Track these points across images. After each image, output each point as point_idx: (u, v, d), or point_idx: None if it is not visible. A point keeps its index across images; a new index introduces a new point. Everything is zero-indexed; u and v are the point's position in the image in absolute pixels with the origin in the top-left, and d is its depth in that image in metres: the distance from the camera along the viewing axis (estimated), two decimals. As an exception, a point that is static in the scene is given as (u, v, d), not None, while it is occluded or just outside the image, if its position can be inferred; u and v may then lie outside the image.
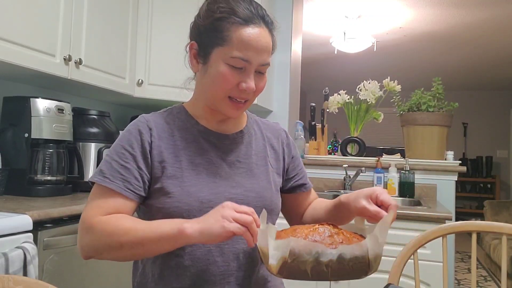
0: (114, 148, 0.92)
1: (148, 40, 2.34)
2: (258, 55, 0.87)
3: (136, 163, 0.89)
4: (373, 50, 4.55)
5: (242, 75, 0.88)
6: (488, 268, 4.45)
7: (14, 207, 1.40)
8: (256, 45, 0.86)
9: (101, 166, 0.90)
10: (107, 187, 0.87)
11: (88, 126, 2.03)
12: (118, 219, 0.84)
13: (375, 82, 2.85)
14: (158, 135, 0.92)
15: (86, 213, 0.87)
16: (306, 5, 3.74)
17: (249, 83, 0.88)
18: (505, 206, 4.75)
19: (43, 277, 1.35)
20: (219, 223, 0.73)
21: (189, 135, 0.95)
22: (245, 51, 0.86)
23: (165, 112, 0.98)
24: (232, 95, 0.89)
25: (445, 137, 2.64)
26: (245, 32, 0.86)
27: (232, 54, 0.86)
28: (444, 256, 1.23)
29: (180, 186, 0.89)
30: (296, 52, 3.05)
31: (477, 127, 7.25)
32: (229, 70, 0.87)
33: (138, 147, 0.90)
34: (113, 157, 0.90)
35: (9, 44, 1.58)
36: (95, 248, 0.84)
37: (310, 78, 6.52)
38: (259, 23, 0.88)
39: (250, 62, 0.87)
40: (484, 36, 4.55)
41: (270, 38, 0.90)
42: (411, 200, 2.43)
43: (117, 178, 0.87)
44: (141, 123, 0.93)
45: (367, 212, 0.88)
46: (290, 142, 1.10)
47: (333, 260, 0.72)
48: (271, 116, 2.82)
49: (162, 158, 0.91)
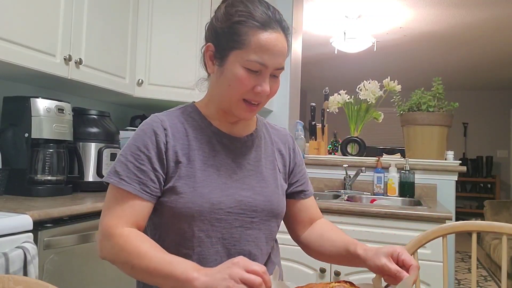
0: (129, 148, 0.91)
1: (148, 40, 2.34)
2: (275, 59, 0.88)
3: (152, 164, 0.89)
4: (373, 50, 4.55)
5: (258, 79, 0.89)
6: (488, 268, 4.45)
7: (14, 207, 1.40)
8: (273, 49, 0.88)
9: (116, 166, 0.90)
10: (123, 189, 0.88)
11: (88, 126, 2.03)
12: (138, 240, 0.84)
13: (375, 82, 2.85)
14: (173, 135, 0.92)
15: (108, 221, 0.87)
16: (306, 5, 3.74)
17: (264, 87, 0.89)
18: (505, 206, 4.75)
19: (43, 277, 1.35)
20: (225, 282, 0.70)
21: (203, 136, 0.95)
22: (262, 55, 0.87)
23: (178, 111, 0.98)
24: (247, 97, 0.90)
25: (445, 137, 2.64)
26: (262, 37, 0.87)
27: (249, 58, 0.87)
28: (444, 256, 1.23)
29: (193, 186, 0.89)
30: (296, 52, 3.05)
31: (477, 127, 7.25)
32: (246, 73, 0.88)
33: (153, 148, 0.90)
34: (128, 158, 0.90)
35: (9, 44, 1.58)
36: (112, 258, 0.86)
37: (310, 78, 6.52)
38: (276, 27, 0.89)
39: (267, 66, 0.88)
40: (484, 36, 4.55)
41: (286, 42, 0.91)
42: (411, 200, 2.44)
43: (134, 181, 0.88)
44: (155, 123, 0.93)
45: (388, 271, 0.83)
46: (296, 148, 1.11)
47: None
48: (271, 116, 2.82)
49: (177, 158, 0.91)
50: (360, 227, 2.00)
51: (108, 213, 0.89)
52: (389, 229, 1.96)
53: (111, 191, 0.90)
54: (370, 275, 0.87)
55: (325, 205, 2.05)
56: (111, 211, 0.88)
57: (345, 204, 2.07)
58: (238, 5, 0.90)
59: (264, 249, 0.98)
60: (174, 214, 0.89)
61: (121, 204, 0.88)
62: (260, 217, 0.95)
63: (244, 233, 0.93)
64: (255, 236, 0.94)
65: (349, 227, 2.01)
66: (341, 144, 2.87)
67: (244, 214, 0.92)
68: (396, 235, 1.95)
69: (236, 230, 0.92)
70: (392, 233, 1.96)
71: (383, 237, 1.96)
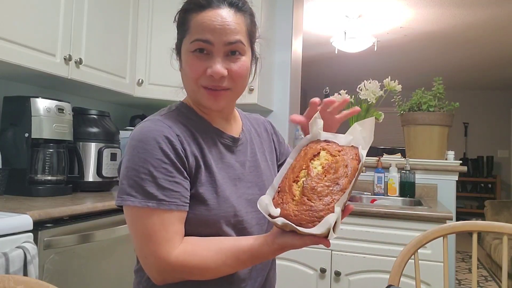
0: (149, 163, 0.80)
1: (149, 40, 2.34)
2: (218, 34, 0.83)
3: (181, 174, 0.83)
4: (373, 49, 4.54)
5: (208, 61, 0.84)
6: (489, 268, 4.45)
7: (14, 207, 1.40)
8: (213, 24, 0.83)
9: (144, 186, 0.79)
10: (165, 209, 0.79)
11: (88, 126, 2.03)
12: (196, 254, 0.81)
13: (375, 81, 2.84)
14: (186, 140, 0.86)
15: (157, 250, 0.78)
16: (307, 5, 3.74)
17: (214, 67, 0.83)
18: (506, 206, 4.75)
19: (43, 277, 1.35)
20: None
21: (208, 138, 0.91)
22: (202, 32, 0.83)
23: (174, 113, 0.90)
24: (203, 84, 0.85)
25: (445, 137, 2.64)
26: (200, 16, 0.84)
27: (193, 39, 0.84)
28: (445, 256, 1.23)
29: (216, 192, 0.86)
30: (296, 52, 3.05)
31: (478, 126, 7.25)
32: (194, 57, 0.85)
33: (174, 156, 0.82)
34: (154, 174, 0.80)
35: (9, 44, 1.58)
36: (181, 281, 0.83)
37: (311, 78, 6.52)
38: (218, 5, 0.85)
39: (210, 42, 0.83)
40: (484, 36, 4.55)
41: (234, 17, 0.86)
42: (412, 200, 2.43)
43: (173, 197, 0.80)
44: (163, 128, 0.83)
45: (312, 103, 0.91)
46: (275, 130, 1.13)
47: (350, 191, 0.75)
48: (272, 116, 2.82)
49: (197, 164, 0.86)
50: (360, 227, 2.00)
51: (151, 241, 0.79)
52: (390, 229, 1.96)
53: (145, 215, 0.79)
54: (370, 275, 0.87)
55: (325, 205, 2.04)
56: (156, 237, 0.78)
57: (345, 204, 2.07)
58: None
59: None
60: (200, 222, 0.84)
61: (165, 226, 0.79)
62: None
63: (261, 230, 0.94)
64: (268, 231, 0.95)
65: (349, 227, 2.01)
66: (342, 144, 2.86)
67: (256, 211, 0.91)
68: (396, 235, 1.95)
69: (255, 229, 0.92)
70: (393, 233, 1.96)
71: (383, 237, 1.96)
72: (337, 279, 1.99)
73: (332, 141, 0.82)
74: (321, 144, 0.81)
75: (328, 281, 2.01)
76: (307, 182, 0.74)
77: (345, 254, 2.00)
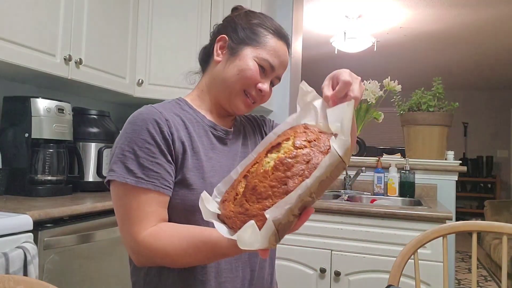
0: (133, 142, 0.84)
1: (148, 40, 2.35)
2: (280, 66, 0.97)
3: (165, 156, 0.85)
4: (373, 50, 4.55)
5: (262, 77, 0.96)
6: (488, 268, 4.45)
7: (14, 207, 1.40)
8: (282, 58, 0.97)
9: (125, 163, 0.83)
10: (143, 188, 0.82)
11: (88, 126, 2.03)
12: (162, 241, 0.80)
13: (375, 81, 2.85)
14: (175, 126, 0.89)
15: (129, 229, 0.81)
16: (307, 5, 3.74)
17: (266, 86, 0.96)
18: (505, 206, 4.75)
19: (43, 277, 1.35)
20: None
21: (199, 128, 0.95)
22: (273, 57, 0.95)
23: (169, 104, 0.96)
24: (249, 90, 0.95)
25: (445, 137, 2.64)
26: (276, 42, 0.97)
27: (264, 56, 0.94)
28: (445, 256, 1.23)
29: (202, 177, 0.88)
30: (296, 52, 3.05)
31: (477, 126, 7.25)
32: (257, 67, 0.94)
33: (160, 139, 0.85)
34: (138, 153, 0.83)
35: (9, 44, 1.58)
36: (149, 265, 0.87)
37: (311, 78, 6.50)
38: (285, 41, 0.99)
39: (274, 69, 0.96)
40: (484, 36, 4.55)
41: (288, 57, 1.01)
42: (412, 200, 2.44)
43: (152, 177, 0.83)
44: (154, 113, 0.87)
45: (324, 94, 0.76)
46: (265, 119, 1.16)
47: (313, 184, 0.58)
48: (272, 115, 2.82)
49: (183, 149, 0.89)
50: (360, 227, 2.00)
51: (127, 219, 0.82)
52: (389, 229, 1.96)
53: (123, 193, 0.83)
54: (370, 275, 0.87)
55: (325, 205, 2.05)
56: (130, 214, 0.82)
57: (345, 204, 2.07)
58: (257, 13, 1.02)
59: None
60: (186, 207, 0.86)
61: (141, 205, 0.82)
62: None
63: None
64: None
65: (349, 227, 2.01)
66: (341, 144, 2.86)
67: None
68: (396, 235, 1.95)
69: None
70: (392, 233, 1.96)
71: (383, 237, 1.96)
72: (337, 279, 1.99)
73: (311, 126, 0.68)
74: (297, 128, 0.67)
75: (328, 281, 2.01)
76: (249, 179, 0.63)
77: (345, 254, 2.00)
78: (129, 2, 2.24)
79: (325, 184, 0.60)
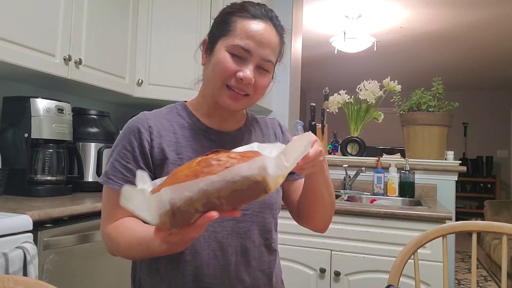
0: (115, 147, 0.94)
1: (148, 40, 2.34)
2: (259, 47, 0.88)
3: (137, 162, 0.91)
4: (373, 50, 4.54)
5: (241, 65, 0.89)
6: (488, 268, 4.45)
7: (14, 207, 1.40)
8: (259, 37, 0.88)
9: (107, 166, 0.93)
10: (111, 188, 0.90)
11: (88, 126, 2.03)
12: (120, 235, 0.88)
13: (375, 82, 2.85)
14: (159, 133, 0.93)
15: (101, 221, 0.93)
16: (306, 5, 3.74)
17: (246, 73, 0.88)
18: (505, 206, 4.75)
19: (43, 277, 1.35)
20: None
21: (190, 133, 0.96)
22: (246, 40, 0.88)
23: (165, 109, 0.99)
24: (230, 83, 0.89)
25: (445, 137, 2.64)
26: (249, 24, 0.89)
27: (233, 42, 0.88)
28: (444, 256, 1.23)
29: None
30: (296, 52, 3.05)
31: (477, 127, 7.25)
32: (229, 57, 0.88)
33: (137, 146, 0.91)
34: (115, 157, 0.92)
35: (9, 44, 1.58)
36: (114, 255, 0.92)
37: (310, 78, 6.52)
38: (266, 20, 0.91)
39: (251, 52, 0.88)
40: (484, 36, 4.55)
41: (276, 37, 0.92)
42: (411, 200, 2.44)
43: (120, 179, 0.90)
44: (141, 120, 0.94)
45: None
46: (286, 136, 1.11)
47: (223, 188, 0.57)
48: (271, 115, 2.81)
49: (163, 156, 0.92)
50: (360, 227, 2.00)
51: (102, 213, 0.93)
52: (389, 229, 1.96)
53: (103, 191, 0.94)
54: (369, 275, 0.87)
55: (325, 205, 2.04)
56: (103, 211, 0.93)
57: (345, 204, 2.07)
58: (234, 2, 0.95)
59: (257, 241, 0.96)
60: None
61: (111, 203, 0.91)
62: (252, 209, 0.95)
63: (236, 226, 0.93)
64: (247, 229, 0.94)
65: (349, 227, 2.01)
66: (341, 144, 2.87)
67: None
68: (396, 235, 1.95)
69: (228, 223, 0.92)
70: (392, 233, 1.96)
71: (383, 237, 1.96)
72: (337, 279, 1.99)
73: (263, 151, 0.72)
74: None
75: (327, 281, 2.01)
76: (177, 167, 0.67)
77: (345, 254, 2.00)
78: (129, 2, 2.24)
79: (239, 196, 0.59)
